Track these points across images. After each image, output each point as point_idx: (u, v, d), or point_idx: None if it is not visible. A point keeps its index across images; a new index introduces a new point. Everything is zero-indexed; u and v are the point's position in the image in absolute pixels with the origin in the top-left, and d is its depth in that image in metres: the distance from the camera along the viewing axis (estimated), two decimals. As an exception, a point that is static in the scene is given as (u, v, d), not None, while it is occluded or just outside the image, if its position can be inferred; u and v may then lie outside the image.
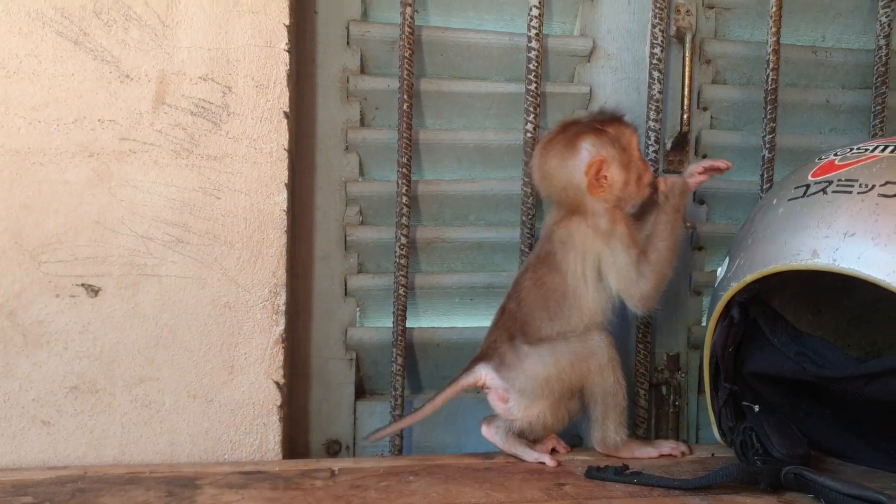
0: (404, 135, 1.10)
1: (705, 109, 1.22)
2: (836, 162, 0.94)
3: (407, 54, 1.09)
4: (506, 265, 1.18)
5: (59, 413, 0.98)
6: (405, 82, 1.09)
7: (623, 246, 0.99)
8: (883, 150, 0.91)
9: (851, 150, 0.95)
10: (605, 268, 1.00)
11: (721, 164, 1.04)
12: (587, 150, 0.99)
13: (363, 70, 1.13)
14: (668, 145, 1.20)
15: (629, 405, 1.03)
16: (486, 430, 1.02)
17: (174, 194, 1.00)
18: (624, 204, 1.02)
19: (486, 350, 1.02)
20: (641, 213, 1.05)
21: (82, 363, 0.99)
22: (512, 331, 1.00)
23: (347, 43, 1.12)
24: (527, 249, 1.12)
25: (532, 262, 1.04)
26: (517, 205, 1.14)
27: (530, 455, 0.99)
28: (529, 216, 1.13)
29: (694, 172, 1.05)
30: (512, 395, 0.98)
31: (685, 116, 1.17)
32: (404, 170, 1.10)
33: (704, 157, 1.20)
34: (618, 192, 1.00)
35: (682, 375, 1.20)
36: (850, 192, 0.88)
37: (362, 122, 1.14)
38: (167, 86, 1.00)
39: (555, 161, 1.01)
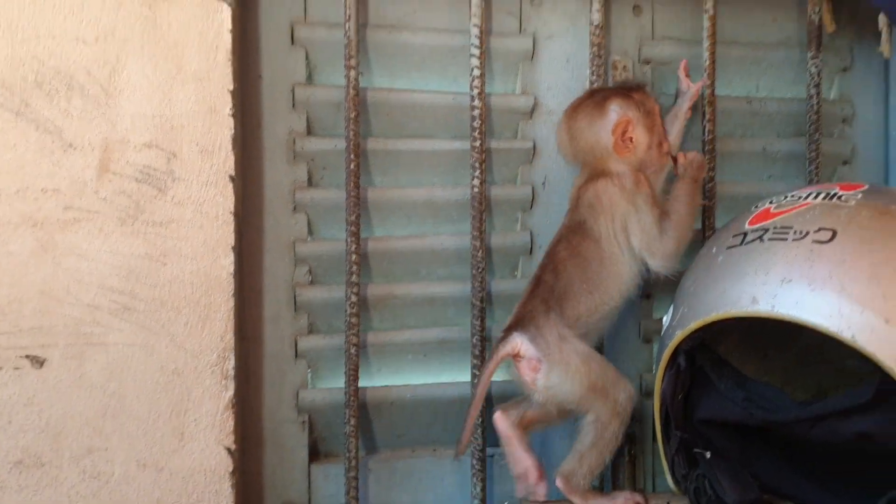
0: (352, 193, 1.11)
1: (646, 160, 1.25)
2: (772, 210, 0.97)
3: (352, 115, 1.10)
4: (458, 319, 1.18)
5: (2, 489, 0.96)
6: (351, 142, 1.10)
7: (647, 205, 1.04)
8: (815, 198, 0.95)
9: (786, 197, 0.98)
10: (630, 227, 1.04)
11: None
12: (615, 111, 1.06)
13: (310, 131, 1.14)
14: (613, 196, 1.22)
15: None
16: (499, 417, 1.04)
17: (120, 262, 0.99)
18: (645, 168, 1.08)
19: (522, 319, 1.03)
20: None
21: (27, 437, 0.97)
22: (549, 303, 1.02)
23: (293, 106, 1.13)
24: (478, 303, 1.13)
25: (564, 233, 1.08)
26: (467, 259, 1.16)
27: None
28: (480, 269, 1.14)
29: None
30: (543, 366, 1.00)
31: (627, 168, 1.20)
32: (353, 228, 1.11)
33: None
34: (641, 154, 1.07)
35: (637, 424, 1.20)
36: (786, 240, 0.91)
37: (310, 183, 1.15)
38: (111, 153, 1.00)
39: (583, 122, 1.07)
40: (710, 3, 1.21)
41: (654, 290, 1.23)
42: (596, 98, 1.08)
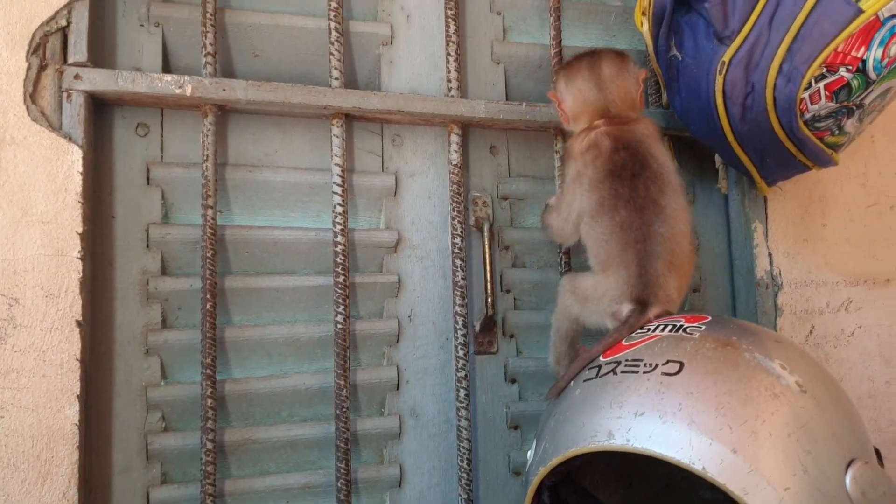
0: (208, 334, 1.07)
1: (508, 292, 1.27)
2: (624, 342, 0.99)
3: (209, 255, 1.08)
4: (322, 462, 1.14)
5: None
6: (208, 282, 1.08)
7: None
8: (663, 330, 0.98)
9: (639, 329, 1.02)
10: None
11: None
12: (637, 65, 1.14)
13: (164, 271, 1.11)
14: (477, 327, 1.24)
15: None
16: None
17: (-54, 417, 0.92)
18: None
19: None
20: None
21: None
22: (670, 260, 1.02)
23: (147, 246, 1.10)
24: (343, 444, 1.10)
25: (636, 172, 1.04)
26: (331, 398, 1.13)
27: None
28: (343, 409, 1.11)
29: None
30: None
31: (489, 300, 1.22)
32: (208, 371, 1.07)
33: (511, 337, 1.25)
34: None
35: (509, 560, 1.18)
36: (637, 372, 0.93)
37: (164, 324, 1.10)
38: (-58, 300, 0.93)
39: (613, 70, 1.10)
40: (559, 145, 1.28)
41: (520, 421, 1.23)
42: (611, 52, 1.13)
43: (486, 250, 1.23)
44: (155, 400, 1.08)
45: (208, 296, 1.08)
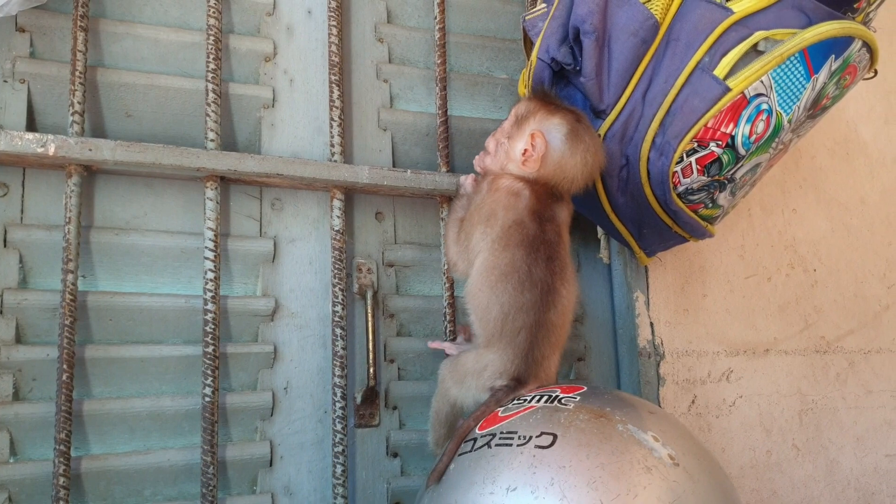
0: (63, 407, 1.00)
1: (392, 361, 1.24)
2: (500, 413, 0.97)
3: (68, 322, 1.02)
4: (187, 546, 1.07)
5: None
6: (65, 351, 1.01)
7: None
8: (538, 400, 0.96)
9: (514, 400, 0.99)
10: None
11: None
12: None
13: (19, 339, 1.04)
14: (358, 399, 1.20)
15: None
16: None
17: None
18: None
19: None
20: None
21: None
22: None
23: (1, 312, 1.02)
24: (209, 525, 1.03)
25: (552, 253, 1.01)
26: (197, 475, 1.06)
27: None
28: (210, 487, 1.05)
29: None
30: None
31: (371, 370, 1.19)
32: (62, 447, 0.99)
33: (394, 409, 1.21)
34: None
35: None
36: (511, 445, 0.90)
37: (16, 396, 1.03)
38: None
39: (598, 143, 1.06)
40: (444, 212, 1.27)
41: (401, 496, 1.19)
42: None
43: (370, 319, 1.20)
44: (1, 479, 0.99)
45: (65, 366, 1.01)
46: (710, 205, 1.14)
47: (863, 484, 1.46)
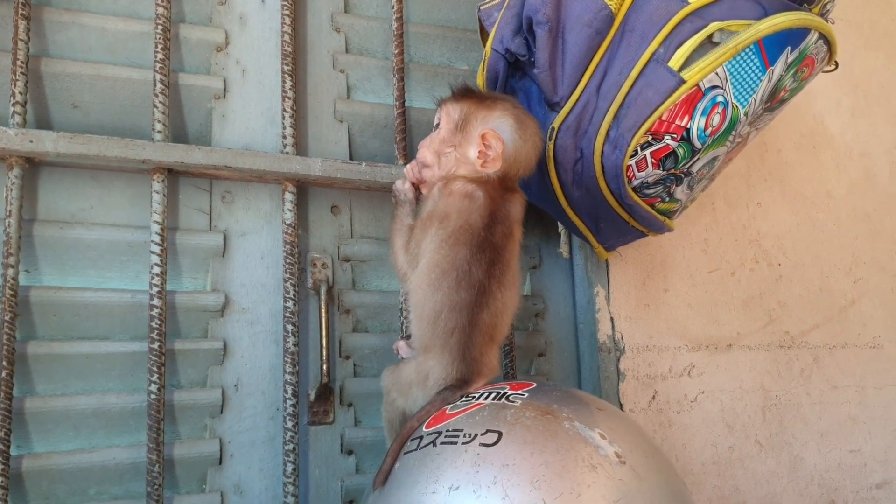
0: (2, 405, 0.98)
1: (348, 358, 1.22)
2: (448, 411, 0.95)
3: (7, 318, 1.00)
4: (133, 546, 1.05)
5: None
6: (4, 347, 0.99)
7: None
8: (486, 398, 0.95)
9: (463, 397, 0.98)
10: None
11: None
12: None
13: (-44, 336, 1.01)
14: (312, 396, 1.18)
15: None
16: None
17: None
18: None
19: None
20: None
21: None
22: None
23: (-63, 307, 1.00)
24: (155, 524, 1.01)
25: (496, 254, 0.98)
26: (143, 473, 1.04)
27: None
28: (156, 486, 1.03)
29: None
30: None
31: (325, 367, 1.17)
32: (1, 446, 0.97)
33: (350, 406, 1.20)
34: None
35: None
36: (456, 444, 0.89)
37: (-47, 394, 1.00)
38: None
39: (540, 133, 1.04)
40: (401, 205, 1.25)
41: (358, 496, 1.17)
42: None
43: (324, 314, 1.18)
44: (-67, 480, 0.97)
45: (4, 362, 0.99)
46: (668, 199, 1.12)
47: (826, 479, 1.45)
